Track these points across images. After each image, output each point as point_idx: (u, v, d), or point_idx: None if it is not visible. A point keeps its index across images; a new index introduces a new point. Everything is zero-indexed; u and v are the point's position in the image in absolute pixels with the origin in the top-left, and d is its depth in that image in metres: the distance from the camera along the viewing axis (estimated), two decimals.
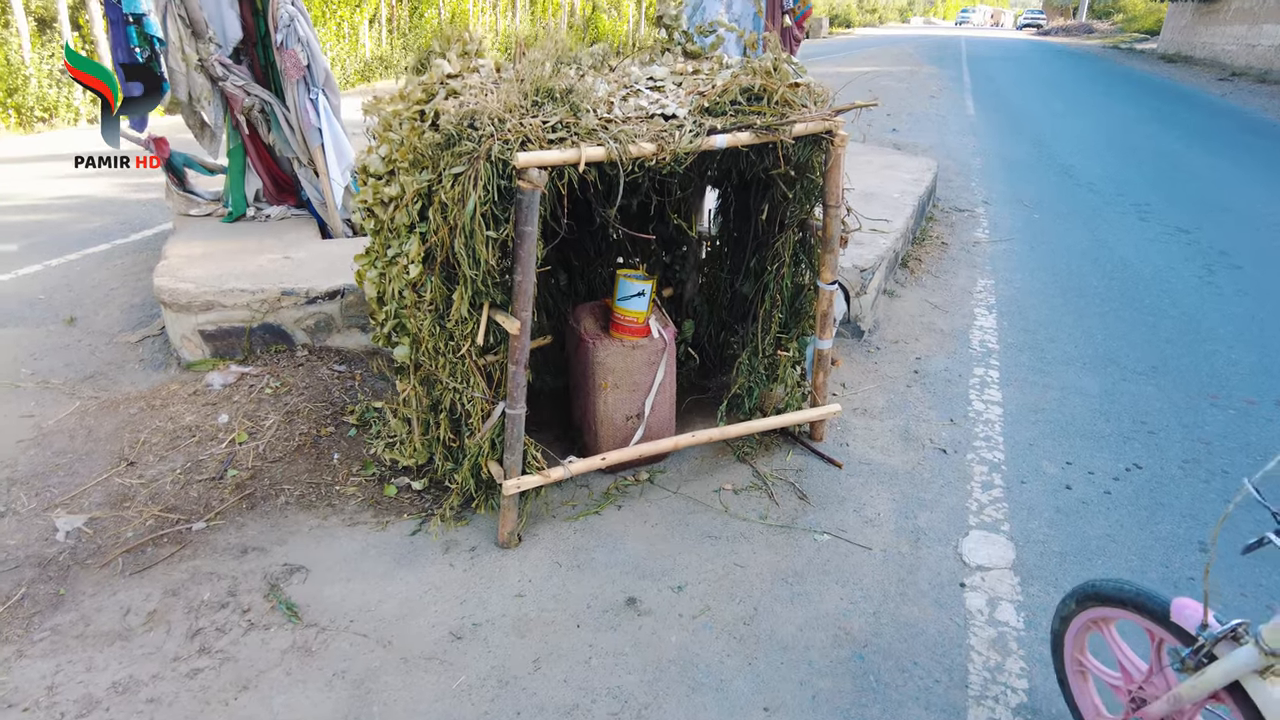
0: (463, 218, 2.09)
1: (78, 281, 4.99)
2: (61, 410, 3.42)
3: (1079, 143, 10.36)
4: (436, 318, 2.35)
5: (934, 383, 3.67)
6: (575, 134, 2.17)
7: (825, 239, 2.74)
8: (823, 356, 2.95)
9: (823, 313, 2.87)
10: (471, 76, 2.44)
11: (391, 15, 17.59)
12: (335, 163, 4.23)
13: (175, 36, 3.92)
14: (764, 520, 2.66)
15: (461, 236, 2.11)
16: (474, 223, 2.08)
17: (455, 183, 2.10)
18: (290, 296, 3.55)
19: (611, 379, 2.67)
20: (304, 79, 4.14)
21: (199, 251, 4.09)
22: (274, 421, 3.17)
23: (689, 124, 2.31)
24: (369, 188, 2.49)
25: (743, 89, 2.46)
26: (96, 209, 6.67)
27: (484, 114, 2.10)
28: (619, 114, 2.32)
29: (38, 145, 9.73)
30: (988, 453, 3.12)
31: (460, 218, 2.10)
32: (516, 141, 2.07)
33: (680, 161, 2.27)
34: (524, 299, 2.20)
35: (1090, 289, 4.93)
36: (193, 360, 3.66)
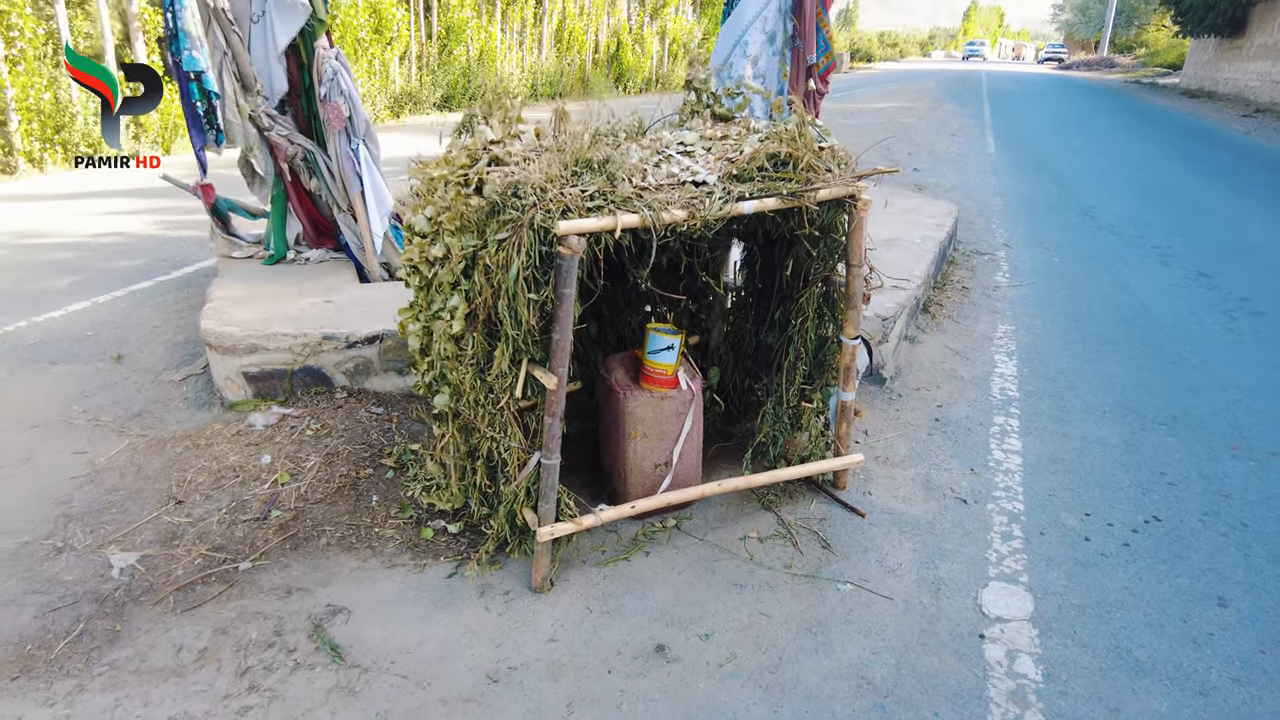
0: (506, 281, 2.22)
1: (123, 318, 5.19)
2: (112, 447, 3.58)
3: (1100, 181, 10.43)
4: (477, 371, 2.47)
5: (955, 431, 3.74)
6: (611, 202, 2.30)
7: (848, 296, 2.84)
8: (846, 408, 3.04)
9: (846, 366, 2.96)
10: (513, 143, 2.59)
11: (421, 52, 18.07)
12: (375, 209, 4.41)
13: (230, 90, 4.14)
14: (789, 569, 2.74)
15: (505, 298, 2.24)
16: (517, 286, 2.20)
17: (500, 248, 2.23)
18: (331, 341, 3.70)
19: (641, 428, 2.78)
20: (346, 129, 4.33)
21: (242, 294, 4.27)
22: (315, 463, 3.30)
23: (718, 190, 2.44)
24: (414, 246, 2.64)
25: (769, 155, 2.59)
26: (138, 246, 6.92)
27: (527, 184, 2.24)
28: (652, 181, 2.45)
29: (82, 181, 10.10)
30: (1007, 503, 3.18)
31: (504, 281, 2.23)
32: (558, 210, 2.20)
33: (710, 227, 2.39)
34: (561, 356, 2.32)
35: (1111, 335, 4.99)
36: (235, 400, 3.81)
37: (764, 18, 4.24)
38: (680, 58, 29.42)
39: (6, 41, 10.39)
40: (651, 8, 27.31)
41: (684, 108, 3.28)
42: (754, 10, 4.25)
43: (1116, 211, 8.57)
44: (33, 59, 10.65)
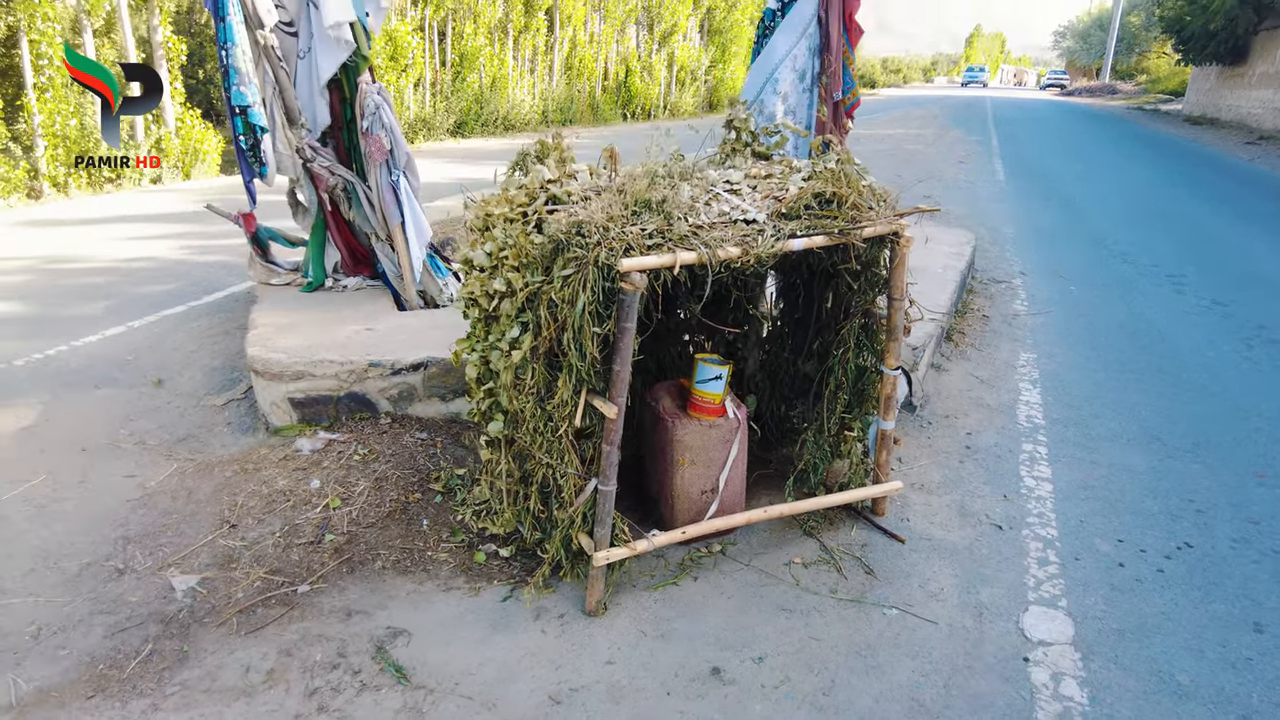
0: (572, 316, 2.32)
1: (159, 343, 5.30)
2: (161, 472, 3.67)
3: (1109, 209, 10.57)
4: (538, 400, 2.57)
5: (985, 458, 3.82)
6: (669, 240, 2.41)
7: (890, 328, 2.94)
8: (885, 436, 3.13)
9: (886, 396, 3.05)
10: (570, 182, 2.70)
11: (435, 79, 18.37)
12: (414, 239, 4.53)
13: (280, 122, 4.28)
14: (834, 594, 2.81)
15: (570, 332, 2.33)
16: (583, 320, 2.30)
17: (565, 284, 2.34)
18: (377, 368, 3.80)
19: (689, 456, 2.87)
20: (387, 162, 4.46)
21: (285, 321, 4.38)
22: (364, 488, 3.39)
23: (769, 228, 2.54)
24: (474, 280, 2.74)
25: (815, 194, 2.69)
26: (168, 271, 7.05)
27: (591, 223, 2.35)
28: (705, 219, 2.56)
29: (106, 206, 10.28)
30: (1041, 529, 3.25)
31: (569, 315, 2.33)
32: (620, 249, 2.31)
33: (762, 263, 2.50)
34: (621, 386, 2.42)
35: (1131, 363, 5.07)
36: (280, 425, 3.90)
37: (794, 56, 4.37)
38: (687, 84, 29.82)
39: (36, 70, 10.62)
40: (659, 36, 27.73)
41: (723, 145, 3.40)
42: (784, 49, 4.39)
43: (1127, 239, 8.69)
44: (60, 86, 10.88)
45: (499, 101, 19.98)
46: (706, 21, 31.02)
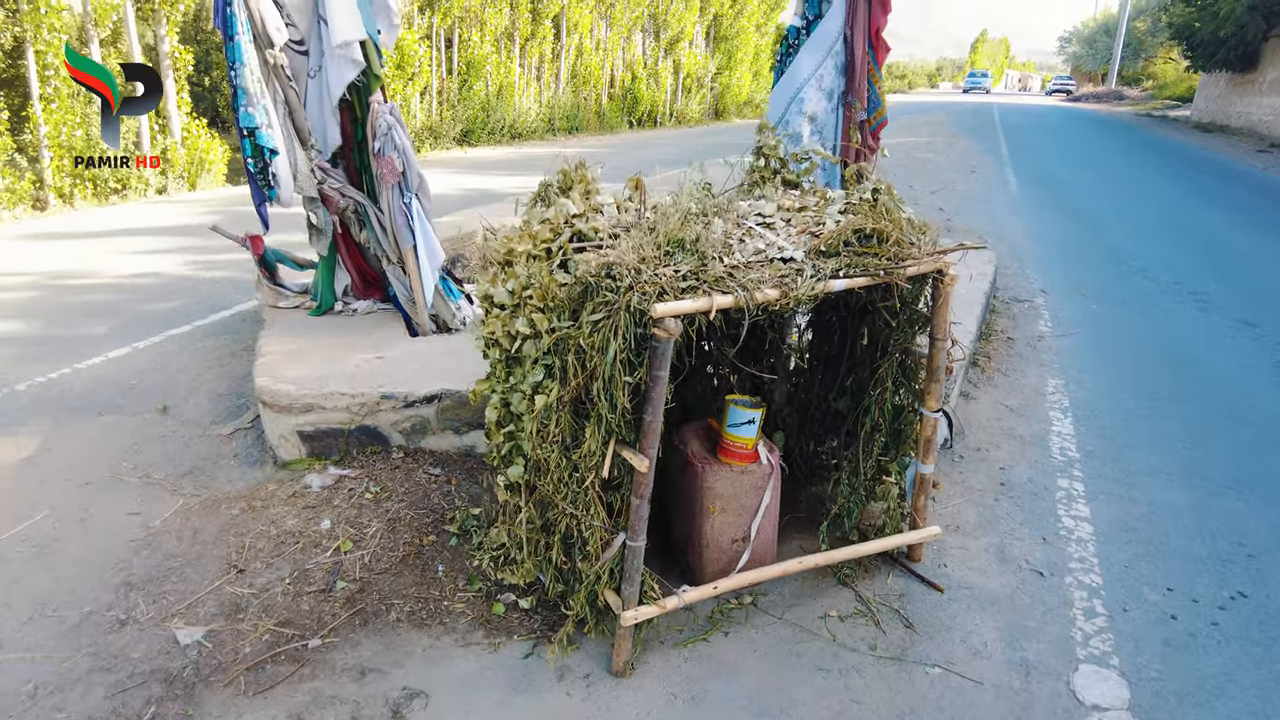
0: (602, 364, 2.18)
1: (164, 365, 5.18)
2: (165, 508, 3.54)
3: (1124, 221, 10.41)
4: (563, 450, 2.43)
5: (1021, 496, 3.67)
6: (704, 282, 2.27)
7: (931, 369, 2.80)
8: (924, 480, 2.99)
9: (927, 439, 2.91)
10: (596, 218, 2.57)
11: (441, 88, 18.29)
12: (426, 263, 4.40)
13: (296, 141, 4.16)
14: (873, 651, 2.66)
15: (600, 381, 2.20)
16: (614, 369, 2.17)
17: (595, 330, 2.20)
18: (389, 400, 3.66)
19: (720, 503, 2.72)
20: (399, 184, 4.33)
21: (293, 348, 4.25)
22: (377, 529, 3.25)
23: (808, 268, 2.40)
24: (495, 319, 2.61)
25: (854, 230, 2.56)
26: (174, 287, 6.94)
27: (622, 265, 2.21)
28: (740, 258, 2.42)
29: (112, 218, 10.18)
30: (1085, 576, 3.11)
31: (599, 364, 2.19)
32: (654, 293, 2.17)
33: (801, 304, 2.36)
34: (652, 438, 2.28)
35: (1161, 390, 4.92)
36: (289, 459, 3.77)
37: (820, 75, 4.24)
38: (694, 91, 29.73)
39: (42, 81, 10.54)
40: (666, 43, 27.65)
41: (751, 173, 3.27)
42: (810, 68, 4.26)
43: (1145, 253, 8.54)
44: (66, 97, 10.79)
45: (505, 109, 19.89)
46: (713, 28, 30.93)
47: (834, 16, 4.27)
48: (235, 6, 3.80)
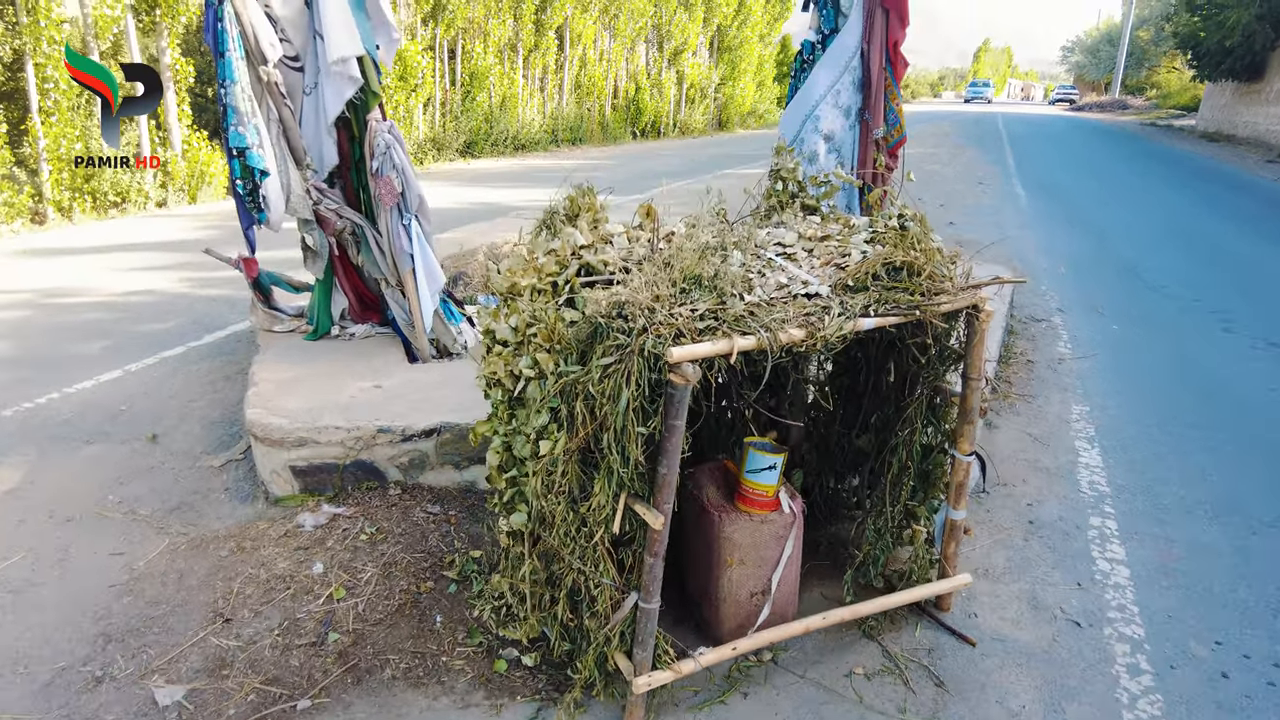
0: (613, 413, 2.00)
1: (156, 390, 5.01)
2: (150, 548, 3.36)
3: (1135, 234, 10.24)
4: (569, 502, 2.25)
5: (1051, 536, 3.48)
6: (723, 322, 2.09)
7: (964, 410, 2.62)
8: (955, 527, 2.80)
9: (959, 483, 2.73)
10: (606, 249, 2.39)
11: (445, 99, 18.18)
12: (425, 286, 4.23)
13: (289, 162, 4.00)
14: (903, 714, 2.47)
15: (611, 431, 2.02)
16: (626, 418, 1.99)
17: (605, 375, 2.02)
18: (386, 434, 3.49)
19: (738, 554, 2.54)
20: (398, 205, 4.17)
21: (287, 376, 4.08)
22: (371, 574, 3.07)
23: (835, 305, 2.23)
24: (498, 357, 2.43)
25: (884, 262, 2.38)
26: (169, 306, 6.78)
27: (634, 304, 2.04)
28: (760, 295, 2.25)
29: (110, 232, 10.04)
30: (1125, 627, 2.91)
31: (610, 412, 2.01)
32: (669, 335, 1.99)
33: (830, 346, 2.18)
34: (667, 491, 2.10)
35: (1190, 416, 4.73)
36: (281, 495, 3.59)
37: (837, 91, 4.08)
38: (697, 102, 29.64)
39: (41, 93, 10.43)
40: (669, 54, 27.58)
41: (768, 197, 3.10)
42: (825, 84, 4.10)
43: (1160, 268, 8.35)
44: (65, 110, 10.68)
45: (509, 121, 19.79)
46: (716, 39, 30.88)
47: (850, 31, 4.11)
48: (226, 22, 3.64)
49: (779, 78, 38.73)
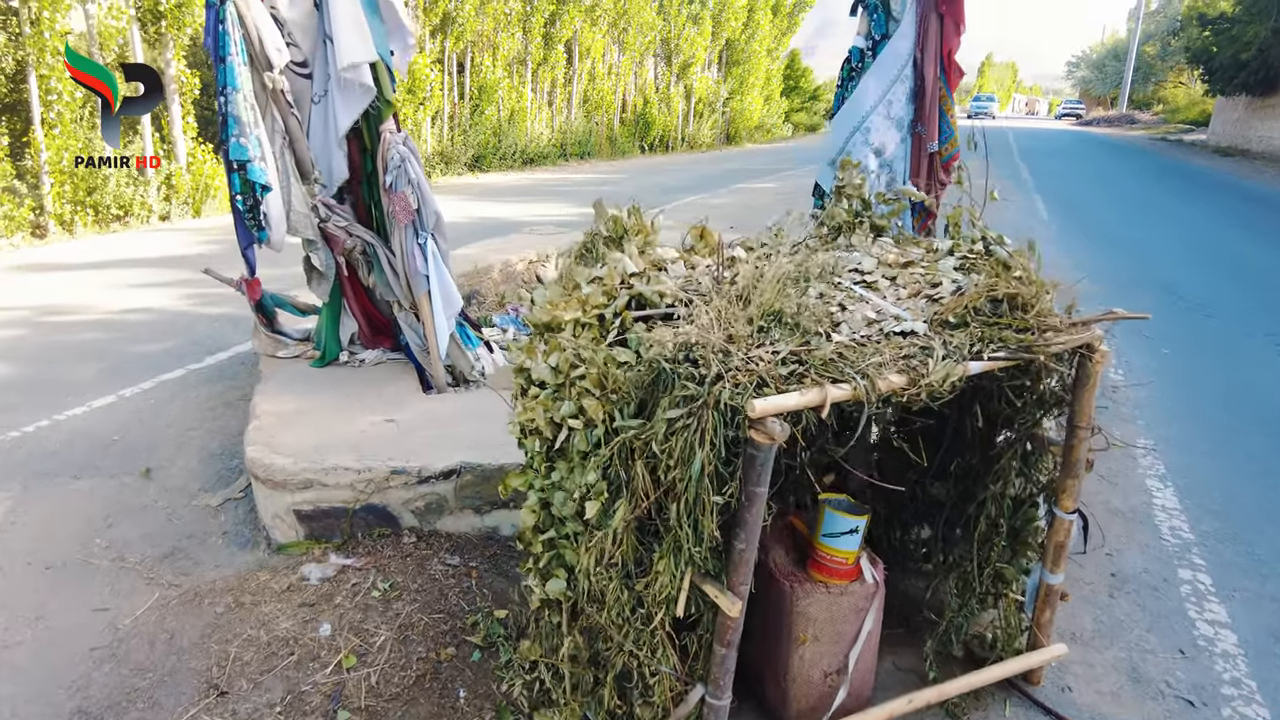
0: (684, 480, 1.67)
1: (152, 418, 4.69)
2: (139, 602, 3.02)
3: (1168, 251, 9.92)
4: (624, 577, 1.91)
5: (1139, 591, 3.13)
6: (810, 366, 1.76)
7: (1069, 463, 2.28)
8: (1052, 592, 2.45)
9: (1059, 544, 2.38)
10: (660, 278, 2.07)
11: (453, 113, 17.97)
12: (442, 310, 3.91)
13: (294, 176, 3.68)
14: None
15: (681, 502, 1.68)
16: (699, 487, 1.65)
17: (672, 432, 1.69)
18: (400, 476, 3.15)
19: (812, 630, 2.20)
20: (413, 222, 3.86)
21: (292, 407, 3.75)
22: (385, 638, 2.73)
23: (937, 346, 1.89)
24: (535, 402, 2.10)
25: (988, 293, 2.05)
26: (169, 326, 6.47)
27: (706, 345, 1.71)
28: (847, 332, 1.92)
29: (111, 246, 9.77)
30: (1246, 707, 2.55)
31: (679, 477, 1.68)
32: (750, 384, 1.66)
33: (935, 397, 1.84)
34: (745, 571, 1.76)
35: (1260, 452, 4.38)
36: (284, 542, 3.26)
37: (889, 102, 3.76)
38: (705, 116, 29.44)
39: (44, 105, 10.19)
40: (678, 68, 27.41)
41: (828, 217, 2.77)
42: (876, 94, 3.78)
43: (1199, 288, 8.02)
44: (69, 122, 10.43)
45: (517, 134, 19.56)
46: (725, 53, 30.72)
47: (903, 36, 3.80)
48: (228, 24, 3.34)
49: (786, 92, 38.61)
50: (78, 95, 10.61)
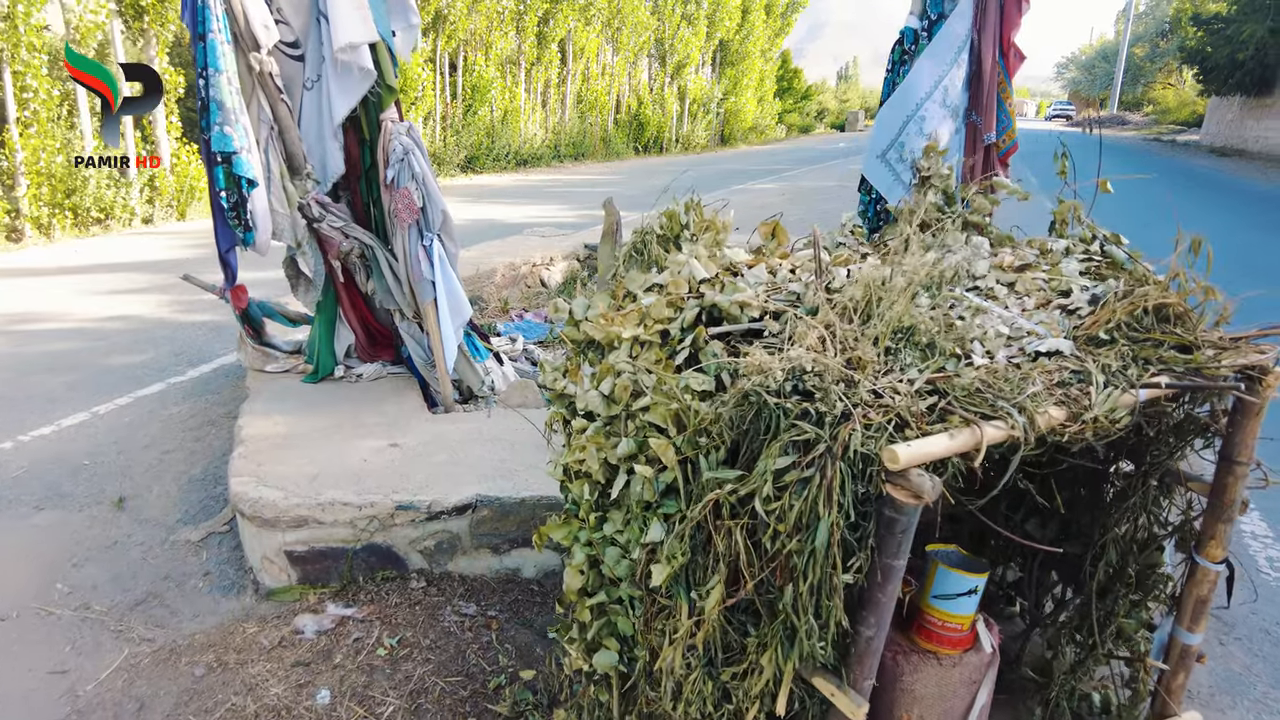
0: (805, 553, 1.28)
1: (128, 439, 4.26)
2: (104, 662, 2.61)
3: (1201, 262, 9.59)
4: (705, 664, 1.52)
5: (1251, 636, 2.76)
6: (951, 399, 1.38)
7: (1221, 504, 1.90)
8: (1187, 653, 2.07)
9: (1200, 599, 2.01)
10: (738, 285, 1.68)
11: (446, 113, 17.55)
12: (449, 320, 3.51)
13: (278, 172, 3.27)
14: None
15: (800, 582, 1.29)
16: (826, 563, 1.26)
17: (782, 487, 1.30)
18: (407, 512, 2.75)
19: (917, 709, 1.81)
20: (417, 222, 3.46)
21: (282, 431, 3.34)
22: (395, 708, 2.32)
23: (1095, 371, 1.51)
24: (584, 440, 1.70)
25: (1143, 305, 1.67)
26: (147, 336, 6.04)
27: (825, 372, 1.32)
28: (978, 350, 1.53)
29: (91, 251, 9.32)
30: None
31: (799, 551, 1.29)
32: (886, 424, 1.27)
33: (1100, 435, 1.46)
34: (871, 663, 1.37)
35: None
36: (275, 588, 2.85)
37: (945, 88, 3.39)
38: (700, 117, 29.11)
39: (19, 103, 9.71)
40: (672, 68, 27.07)
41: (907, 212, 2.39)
42: (930, 80, 3.41)
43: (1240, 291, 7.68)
44: (45, 121, 9.96)
45: (511, 135, 19.15)
46: (719, 54, 30.41)
47: (960, 17, 3.44)
48: None
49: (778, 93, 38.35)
50: (54, 93, 10.15)
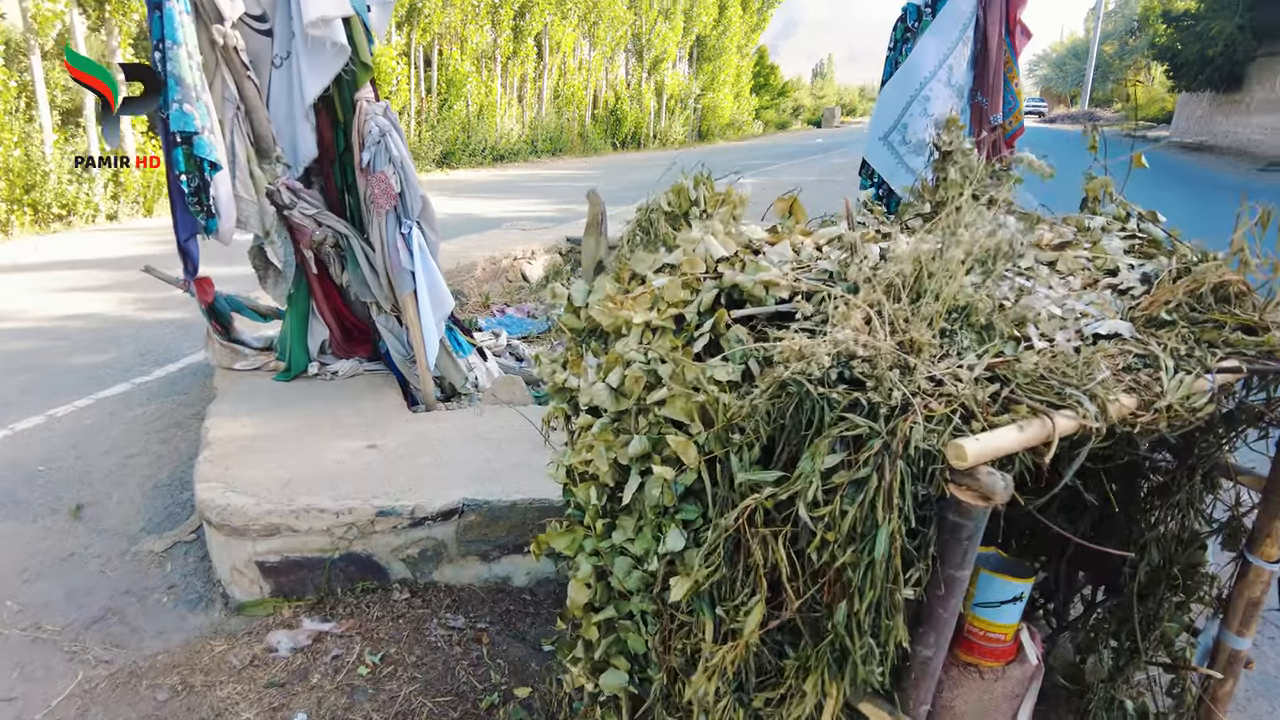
0: (861, 567, 1.10)
1: (87, 442, 4.01)
2: (55, 688, 2.39)
3: None
4: (735, 690, 1.34)
5: None
6: (1014, 386, 1.21)
7: (1276, 501, 1.76)
8: (1235, 658, 1.94)
9: (1252, 600, 1.87)
10: (759, 264, 1.50)
11: (421, 108, 17.23)
12: (430, 313, 3.31)
13: (244, 156, 3.05)
14: None
15: (859, 599, 1.12)
16: (889, 576, 1.09)
17: (831, 491, 1.13)
18: (388, 518, 2.55)
19: None
20: (395, 208, 3.26)
21: (252, 432, 3.12)
22: None
23: (1163, 355, 1.36)
24: (594, 439, 1.52)
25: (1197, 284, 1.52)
26: (110, 334, 5.76)
27: (876, 357, 1.15)
28: (1034, 333, 1.37)
29: (52, 248, 8.95)
30: None
31: (853, 564, 1.11)
32: (950, 415, 1.11)
33: (1176, 424, 1.31)
34: (928, 687, 1.21)
35: None
36: (246, 601, 2.64)
37: (950, 67, 3.25)
38: (677, 112, 28.96)
39: None
40: (649, 64, 26.89)
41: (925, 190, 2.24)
42: (935, 59, 3.27)
43: None
44: (2, 114, 9.56)
45: (487, 130, 18.87)
46: (696, 50, 30.28)
47: None
48: None
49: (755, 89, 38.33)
50: (11, 85, 9.76)
